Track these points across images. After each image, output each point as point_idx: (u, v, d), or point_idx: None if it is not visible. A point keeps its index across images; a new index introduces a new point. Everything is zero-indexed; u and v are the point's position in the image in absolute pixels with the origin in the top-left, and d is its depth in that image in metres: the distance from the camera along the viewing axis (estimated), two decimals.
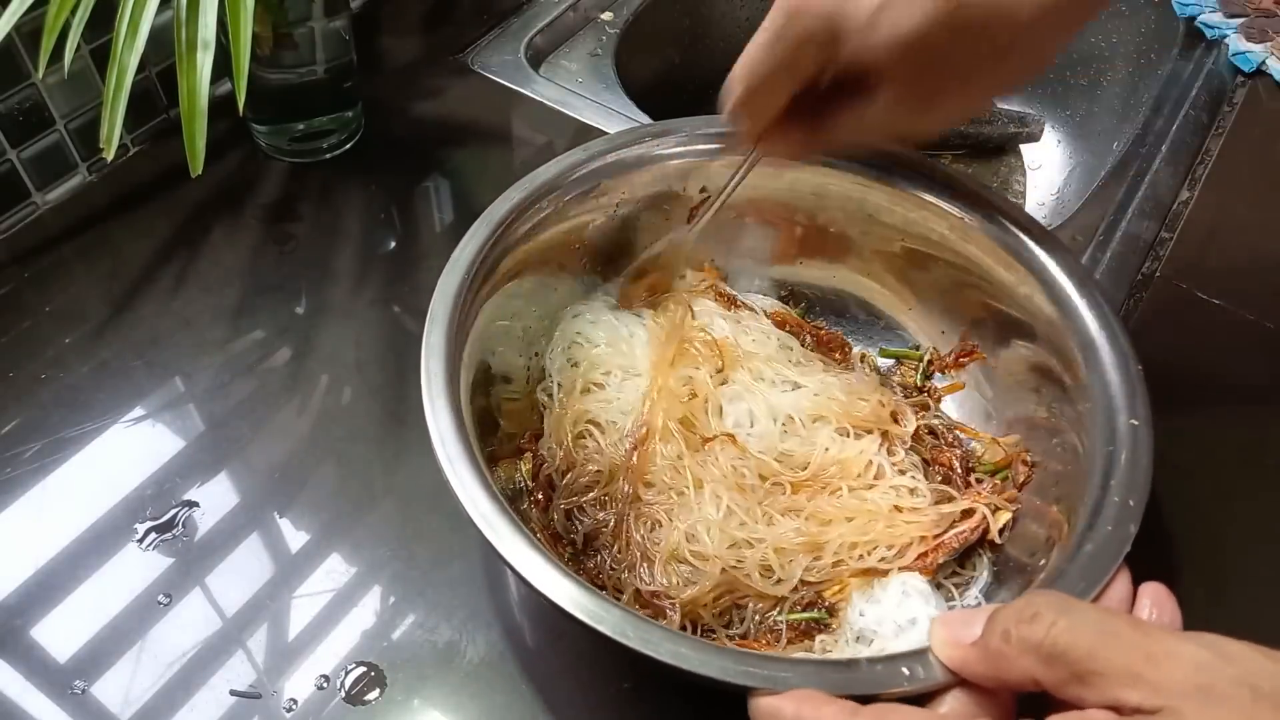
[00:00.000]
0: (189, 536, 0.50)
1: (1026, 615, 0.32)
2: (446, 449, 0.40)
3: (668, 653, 0.35)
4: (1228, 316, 0.62)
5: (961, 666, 0.34)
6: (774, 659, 0.38)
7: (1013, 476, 0.50)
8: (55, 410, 0.54)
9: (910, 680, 0.35)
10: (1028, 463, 0.49)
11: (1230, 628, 0.31)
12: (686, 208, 0.56)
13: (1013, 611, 0.33)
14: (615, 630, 0.36)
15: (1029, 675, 0.32)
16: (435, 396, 0.42)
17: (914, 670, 0.35)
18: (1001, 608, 0.34)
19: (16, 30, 0.55)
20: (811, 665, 0.36)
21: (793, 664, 0.36)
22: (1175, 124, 0.76)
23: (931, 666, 0.35)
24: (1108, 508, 0.40)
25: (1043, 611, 0.32)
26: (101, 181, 0.67)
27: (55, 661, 0.45)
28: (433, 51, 0.79)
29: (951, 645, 0.35)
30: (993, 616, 0.34)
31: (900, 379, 0.57)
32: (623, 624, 0.36)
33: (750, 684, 0.35)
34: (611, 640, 0.36)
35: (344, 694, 0.45)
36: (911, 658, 0.35)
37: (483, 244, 0.47)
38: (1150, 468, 0.41)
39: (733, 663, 0.35)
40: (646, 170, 0.54)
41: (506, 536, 0.38)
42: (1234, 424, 0.56)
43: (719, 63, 0.96)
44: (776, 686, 0.34)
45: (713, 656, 0.35)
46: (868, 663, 0.36)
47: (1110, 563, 0.38)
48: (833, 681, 0.35)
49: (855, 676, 0.35)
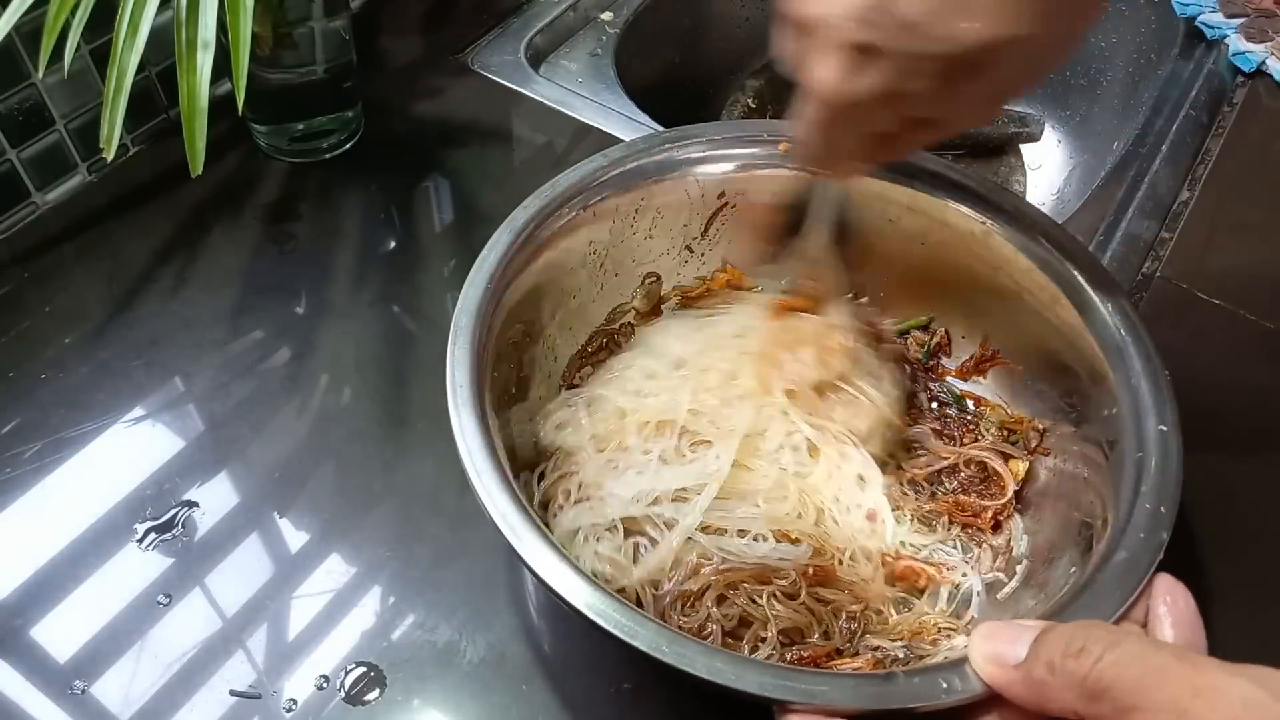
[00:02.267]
0: (189, 537, 0.50)
1: (1074, 649, 0.32)
2: (475, 462, 0.40)
3: (703, 667, 0.35)
4: (1228, 316, 0.62)
5: (1003, 688, 0.34)
6: (810, 673, 0.37)
7: (1024, 441, 0.51)
8: (55, 410, 0.54)
9: (948, 693, 0.35)
10: (1039, 429, 0.50)
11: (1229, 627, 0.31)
12: (705, 215, 0.56)
13: (1060, 642, 0.32)
14: (650, 646, 0.35)
15: (1071, 709, 0.32)
16: (461, 406, 0.41)
17: (951, 683, 0.35)
18: (1049, 632, 0.33)
19: (16, 30, 0.55)
20: (850, 680, 0.36)
21: (829, 677, 0.36)
22: (1175, 124, 0.76)
23: (969, 679, 0.35)
24: (1139, 515, 0.40)
25: (1089, 646, 0.31)
26: (101, 181, 0.67)
27: (55, 661, 0.45)
28: (433, 51, 0.79)
29: (994, 664, 0.34)
30: (1040, 641, 0.33)
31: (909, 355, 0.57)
32: (657, 639, 0.36)
33: (789, 699, 0.34)
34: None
35: (344, 694, 0.45)
36: (949, 669, 0.35)
37: (505, 250, 0.47)
38: (1180, 474, 0.41)
39: (770, 678, 0.35)
40: (666, 177, 0.54)
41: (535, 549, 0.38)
42: (1234, 424, 0.56)
43: (719, 63, 0.97)
44: (814, 700, 0.34)
45: (749, 671, 0.35)
46: (904, 675, 0.35)
47: (1144, 571, 0.38)
48: (870, 695, 0.34)
49: (893, 690, 0.35)
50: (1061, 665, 0.32)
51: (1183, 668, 0.30)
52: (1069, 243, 0.49)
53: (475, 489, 0.39)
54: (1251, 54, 0.80)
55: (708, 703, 0.44)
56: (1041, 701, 0.33)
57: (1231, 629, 0.40)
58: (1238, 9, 0.84)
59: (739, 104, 0.93)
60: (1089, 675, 0.31)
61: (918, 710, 0.35)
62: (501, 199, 0.50)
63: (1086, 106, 0.91)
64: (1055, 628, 0.34)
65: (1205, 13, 0.84)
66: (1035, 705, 0.33)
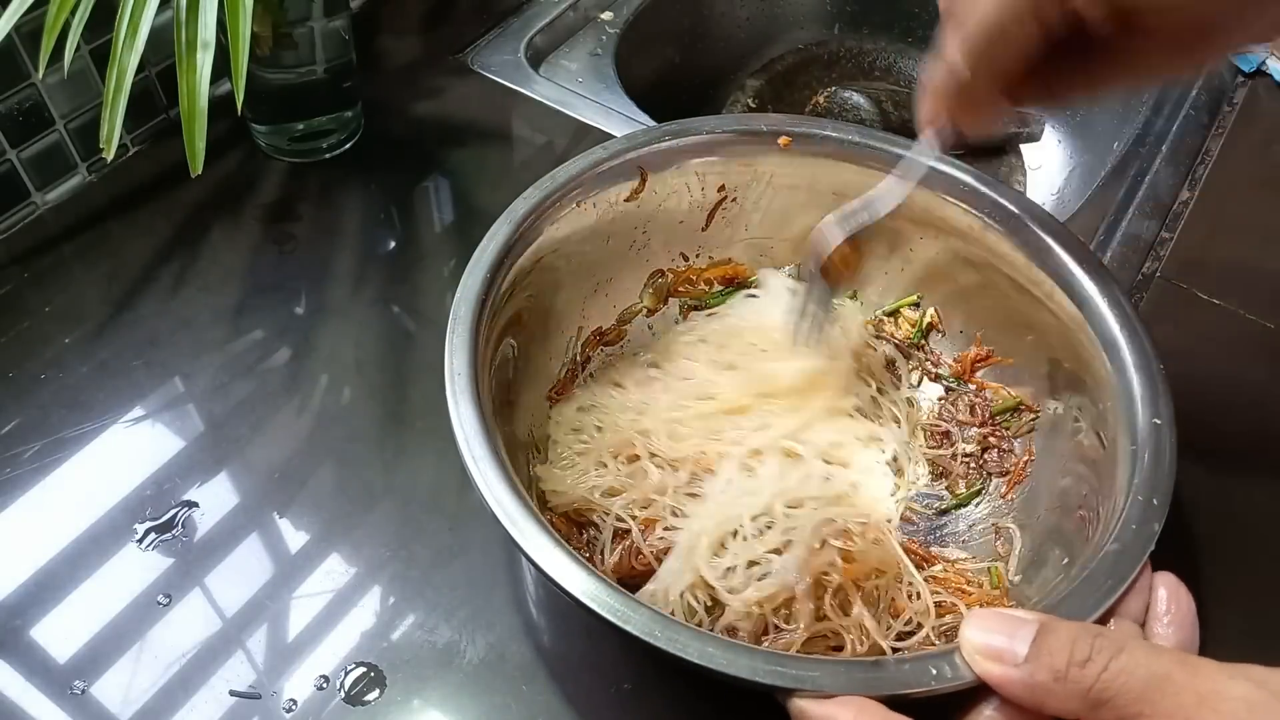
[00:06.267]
0: (189, 537, 0.50)
1: (1079, 658, 0.32)
2: (472, 449, 0.40)
3: (696, 652, 0.35)
4: (1228, 316, 0.62)
5: (1001, 686, 0.34)
6: (801, 659, 0.37)
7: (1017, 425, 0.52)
8: (55, 410, 0.54)
9: (938, 679, 0.35)
10: (1031, 409, 0.51)
11: (1228, 627, 0.31)
12: (707, 208, 0.56)
13: (1064, 648, 0.32)
14: (644, 630, 0.36)
15: (1073, 713, 0.32)
16: (460, 394, 0.42)
17: (941, 670, 0.35)
18: (1048, 634, 0.33)
19: (16, 30, 0.55)
20: (840, 665, 0.36)
21: (819, 664, 0.36)
22: (1175, 124, 0.76)
23: (959, 667, 0.35)
24: (1132, 507, 0.40)
25: (1094, 656, 0.31)
26: (101, 181, 0.67)
27: (55, 661, 0.45)
28: (433, 51, 0.79)
29: (992, 659, 0.34)
30: (1041, 643, 0.33)
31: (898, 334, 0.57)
32: (651, 624, 0.36)
33: (780, 684, 0.35)
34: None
35: (344, 694, 0.45)
36: (939, 657, 0.35)
37: (505, 241, 0.47)
38: (1174, 467, 0.41)
39: (761, 663, 0.35)
40: (667, 169, 0.54)
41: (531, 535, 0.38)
42: (1234, 424, 0.56)
43: (719, 63, 0.97)
44: (804, 686, 0.34)
45: (741, 656, 0.35)
46: (895, 662, 0.36)
47: (1135, 561, 0.38)
48: (860, 681, 0.35)
49: (882, 676, 0.35)
50: (1066, 674, 0.32)
51: (1185, 674, 0.30)
52: (1065, 236, 0.50)
53: (472, 476, 0.39)
54: (1251, 54, 0.80)
55: (708, 702, 0.44)
56: (1042, 705, 0.33)
57: (1231, 628, 0.40)
58: None
59: (739, 104, 0.93)
60: (1094, 685, 0.31)
61: (909, 696, 0.35)
62: (501, 199, 0.50)
63: (1086, 106, 0.91)
64: (1053, 626, 0.33)
65: None
66: (1034, 706, 0.33)
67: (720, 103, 0.93)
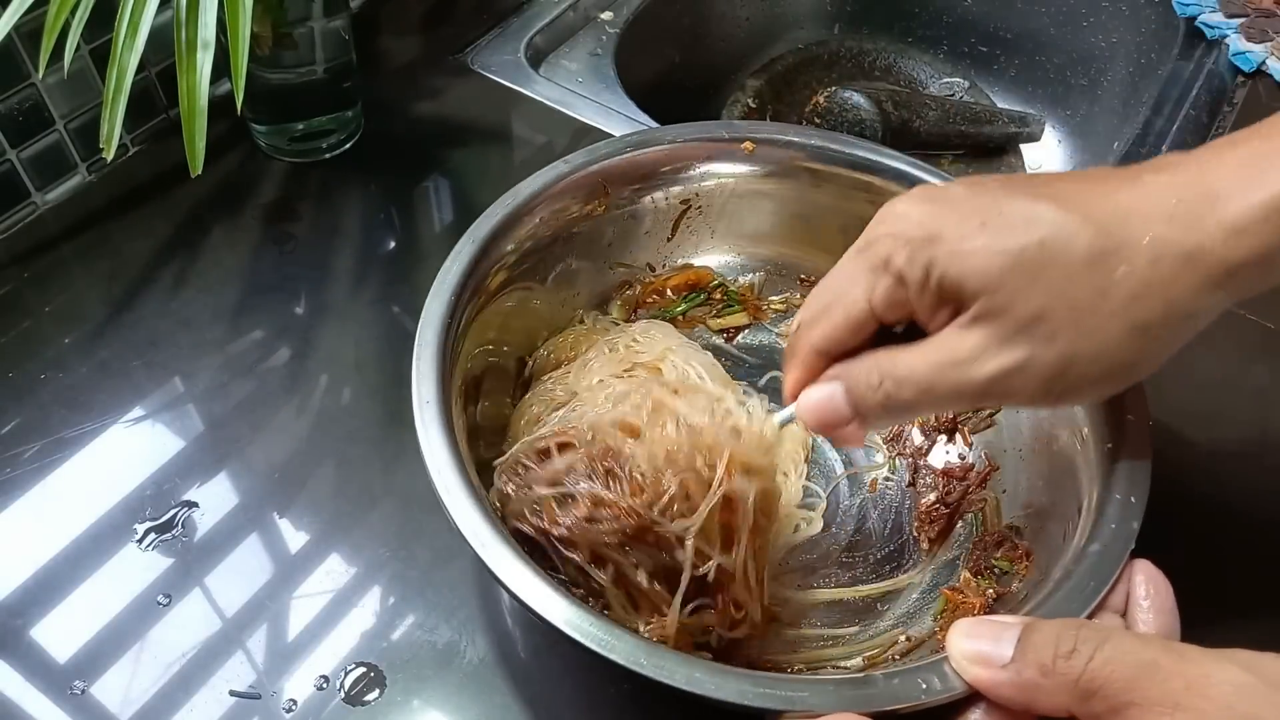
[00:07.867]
0: (188, 537, 0.50)
1: (1064, 650, 0.32)
2: (443, 479, 0.40)
3: (683, 678, 0.35)
4: (1228, 316, 0.62)
5: (990, 689, 0.34)
6: (789, 679, 0.37)
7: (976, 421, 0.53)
8: (55, 410, 0.54)
9: (928, 693, 0.35)
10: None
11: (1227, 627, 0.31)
12: (672, 218, 0.56)
13: (1048, 643, 0.32)
14: (628, 659, 0.35)
15: (1064, 708, 0.32)
16: (429, 423, 0.41)
17: (930, 683, 0.35)
18: (1033, 632, 0.33)
19: (16, 30, 0.55)
20: (830, 684, 0.36)
21: (809, 684, 0.36)
22: (1175, 124, 0.76)
23: (949, 678, 0.35)
24: (1110, 506, 0.40)
25: (1079, 647, 0.32)
26: (101, 181, 0.67)
27: (55, 661, 0.45)
28: (433, 51, 0.79)
29: (979, 664, 0.34)
30: (1026, 641, 0.33)
31: None
32: (635, 652, 0.35)
33: (770, 706, 0.34)
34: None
35: (343, 694, 0.45)
36: (928, 670, 0.35)
37: (469, 262, 0.47)
38: (1150, 463, 0.41)
39: (750, 685, 0.35)
40: (630, 182, 0.54)
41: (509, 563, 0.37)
42: (1233, 424, 0.56)
43: (719, 63, 0.97)
44: (794, 707, 0.34)
45: (728, 680, 0.35)
46: (884, 678, 0.35)
47: (1117, 561, 0.38)
48: (850, 698, 0.34)
49: (872, 693, 0.35)
50: (1053, 667, 0.32)
51: (1171, 660, 0.31)
52: None
53: (445, 508, 0.39)
54: (1251, 54, 0.80)
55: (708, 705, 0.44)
56: (1032, 703, 0.33)
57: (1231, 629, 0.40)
58: (1238, 9, 0.84)
59: (739, 104, 0.93)
60: (1081, 676, 0.31)
61: (900, 712, 0.35)
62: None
63: (1086, 106, 0.91)
64: (1037, 625, 0.34)
65: (1205, 13, 0.84)
66: (1023, 705, 0.33)
67: (720, 103, 0.93)
